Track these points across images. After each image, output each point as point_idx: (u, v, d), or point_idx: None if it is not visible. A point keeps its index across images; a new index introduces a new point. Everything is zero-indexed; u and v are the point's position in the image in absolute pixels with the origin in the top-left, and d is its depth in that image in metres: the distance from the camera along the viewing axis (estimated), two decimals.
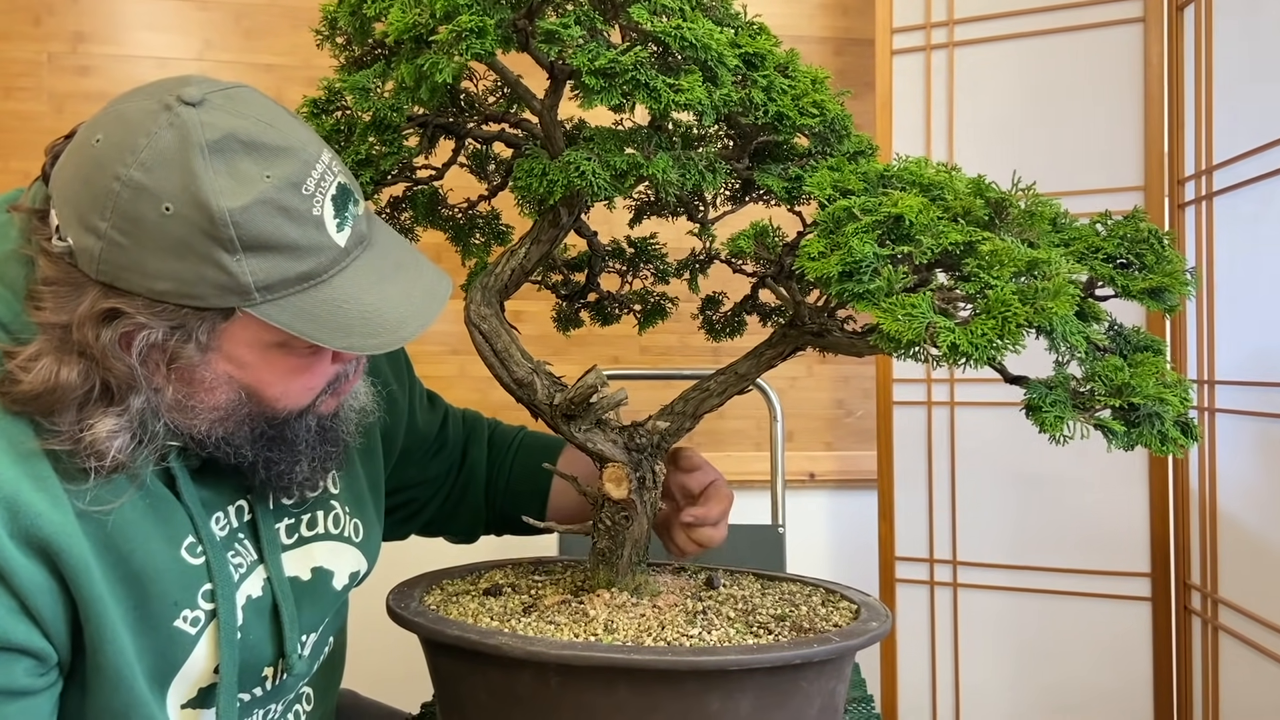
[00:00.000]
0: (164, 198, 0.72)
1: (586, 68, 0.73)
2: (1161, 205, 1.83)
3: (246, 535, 0.91)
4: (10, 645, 0.75)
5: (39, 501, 0.75)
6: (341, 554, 1.00)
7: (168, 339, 0.76)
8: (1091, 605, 1.90)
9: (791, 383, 2.27)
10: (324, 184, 0.78)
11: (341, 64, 0.99)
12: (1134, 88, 1.85)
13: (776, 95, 0.79)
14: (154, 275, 0.74)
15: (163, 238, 0.73)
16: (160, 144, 0.73)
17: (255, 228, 0.73)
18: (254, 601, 0.89)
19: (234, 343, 0.79)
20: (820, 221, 0.76)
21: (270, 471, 0.87)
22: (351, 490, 1.04)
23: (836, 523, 2.32)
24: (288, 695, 1.00)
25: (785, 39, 0.85)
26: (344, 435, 0.93)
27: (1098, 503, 1.88)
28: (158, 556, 0.82)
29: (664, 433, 1.02)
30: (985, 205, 0.74)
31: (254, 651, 0.89)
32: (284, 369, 0.82)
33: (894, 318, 0.65)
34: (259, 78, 2.13)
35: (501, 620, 0.92)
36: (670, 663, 0.80)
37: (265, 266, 0.75)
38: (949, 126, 1.97)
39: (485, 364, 1.01)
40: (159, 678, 0.84)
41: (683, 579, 1.10)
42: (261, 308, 0.76)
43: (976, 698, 2.00)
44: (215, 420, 0.82)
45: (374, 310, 0.79)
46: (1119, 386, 0.72)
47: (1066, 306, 0.64)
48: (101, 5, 2.11)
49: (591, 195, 0.79)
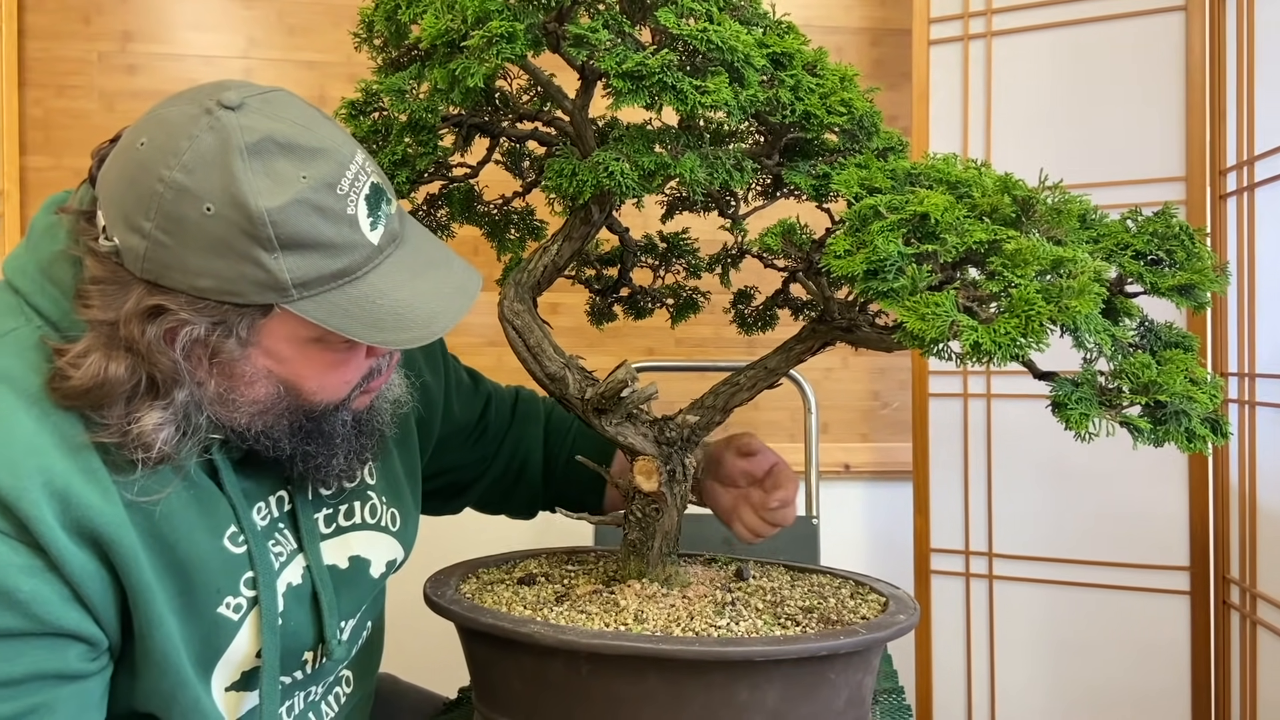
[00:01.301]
0: (205, 198, 0.75)
1: (614, 71, 0.74)
2: (1203, 196, 1.79)
3: (286, 525, 0.94)
4: (63, 631, 0.78)
5: (90, 493, 0.78)
6: (378, 543, 1.03)
7: (209, 334, 0.79)
8: (1129, 599, 1.88)
9: (826, 374, 2.27)
10: (358, 184, 0.80)
11: (379, 65, 1.01)
12: (1175, 77, 1.82)
13: (804, 94, 0.80)
14: (196, 273, 0.77)
15: (204, 237, 0.76)
16: (201, 147, 0.76)
17: (292, 227, 0.76)
18: (294, 589, 0.92)
19: (273, 338, 0.82)
20: (846, 219, 0.76)
21: (308, 464, 0.89)
22: (388, 480, 1.06)
23: (871, 514, 2.31)
24: (327, 678, 1.03)
25: (822, 30, 0.86)
26: (378, 427, 0.96)
27: (1136, 496, 1.86)
28: (202, 546, 0.85)
29: (694, 427, 1.03)
30: (1012, 203, 0.74)
31: (295, 637, 0.92)
32: (321, 364, 0.85)
33: (917, 316, 0.66)
34: (302, 75, 2.16)
35: (534, 609, 0.94)
36: (697, 653, 0.81)
37: (302, 264, 0.78)
38: (986, 117, 1.95)
39: (518, 358, 1.03)
40: (204, 662, 0.87)
41: (713, 570, 1.12)
42: (299, 304, 0.79)
43: (1012, 691, 1.99)
44: (255, 414, 0.84)
45: (406, 306, 0.82)
46: (1146, 384, 0.72)
47: (1090, 305, 0.65)
48: (149, 5, 2.15)
49: (620, 195, 0.80)
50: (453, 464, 1.26)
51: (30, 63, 2.11)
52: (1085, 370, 0.77)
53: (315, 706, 1.02)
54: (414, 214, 1.13)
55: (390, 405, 0.98)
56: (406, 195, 1.02)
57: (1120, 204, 1.78)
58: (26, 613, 0.76)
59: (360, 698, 1.10)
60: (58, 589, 0.77)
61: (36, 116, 2.12)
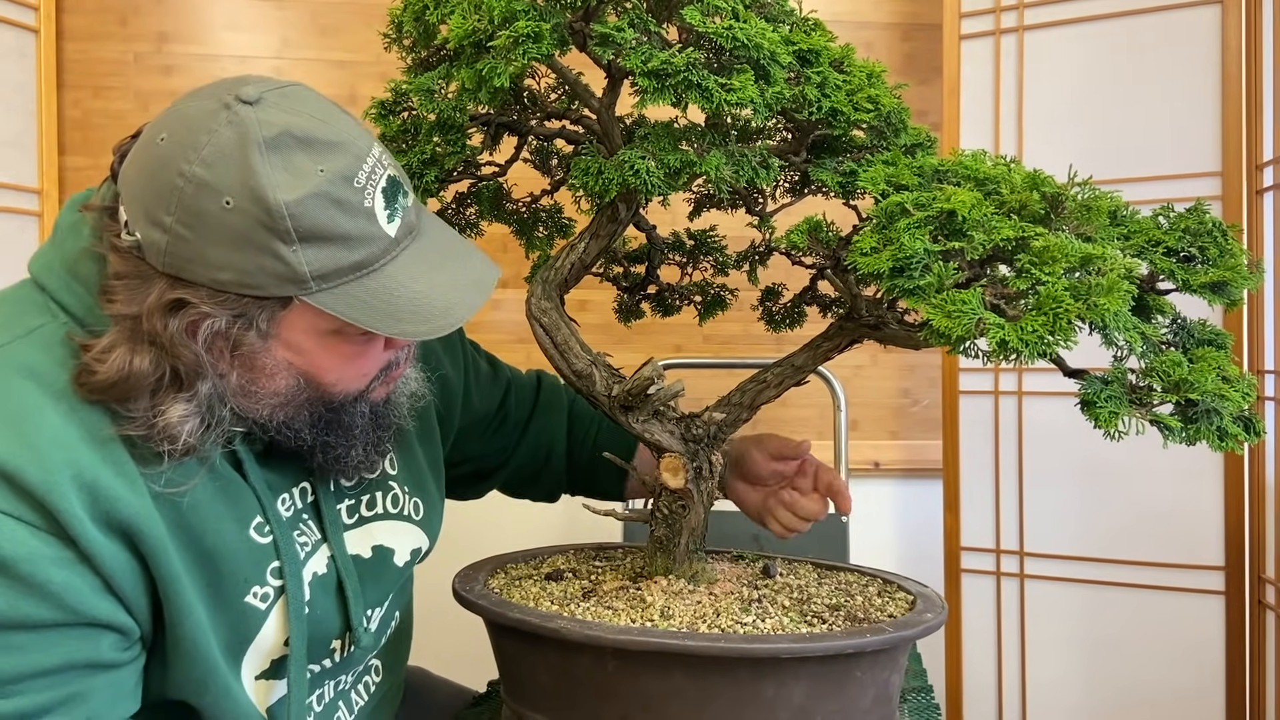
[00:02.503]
0: (224, 192, 0.76)
1: (640, 69, 0.74)
2: (1239, 191, 1.77)
3: (310, 516, 0.95)
4: (96, 621, 0.79)
5: (118, 486, 0.79)
6: (401, 532, 1.04)
7: (230, 327, 0.80)
8: (1162, 598, 1.86)
9: (856, 371, 2.26)
10: (374, 177, 0.81)
11: (408, 65, 1.02)
12: (1211, 71, 1.79)
13: (830, 91, 0.80)
14: (216, 266, 0.78)
15: (223, 230, 0.77)
16: (220, 141, 0.77)
17: (310, 220, 0.77)
18: (319, 578, 0.93)
19: (292, 330, 0.83)
20: (873, 217, 0.76)
21: (328, 455, 0.91)
22: (410, 470, 1.08)
23: (902, 512, 2.30)
24: (357, 667, 1.04)
25: (852, 26, 0.86)
26: (396, 419, 0.97)
27: (1169, 494, 1.83)
28: (228, 536, 0.86)
29: (720, 424, 1.04)
30: (1041, 199, 0.74)
31: (321, 626, 0.94)
32: (339, 355, 0.86)
33: (944, 313, 0.65)
34: (333, 74, 2.19)
35: (561, 604, 0.95)
36: (723, 649, 0.81)
37: (320, 257, 0.78)
38: (1018, 112, 1.93)
39: (545, 355, 1.04)
40: (233, 650, 0.88)
41: (740, 567, 1.12)
42: (317, 296, 0.80)
43: (1043, 691, 1.97)
44: (276, 405, 0.86)
45: (423, 297, 0.83)
46: (1177, 382, 0.71)
47: (1119, 302, 0.64)
48: (185, 6, 2.18)
49: (646, 193, 0.81)
50: (475, 453, 1.27)
51: (68, 64, 2.15)
52: (1115, 368, 0.77)
53: (345, 695, 1.04)
54: (443, 212, 1.14)
55: (408, 399, 0.99)
56: (435, 194, 1.03)
57: (1155, 199, 1.76)
58: (60, 604, 0.77)
59: (390, 687, 1.12)
60: (89, 580, 0.79)
61: (75, 117, 2.16)
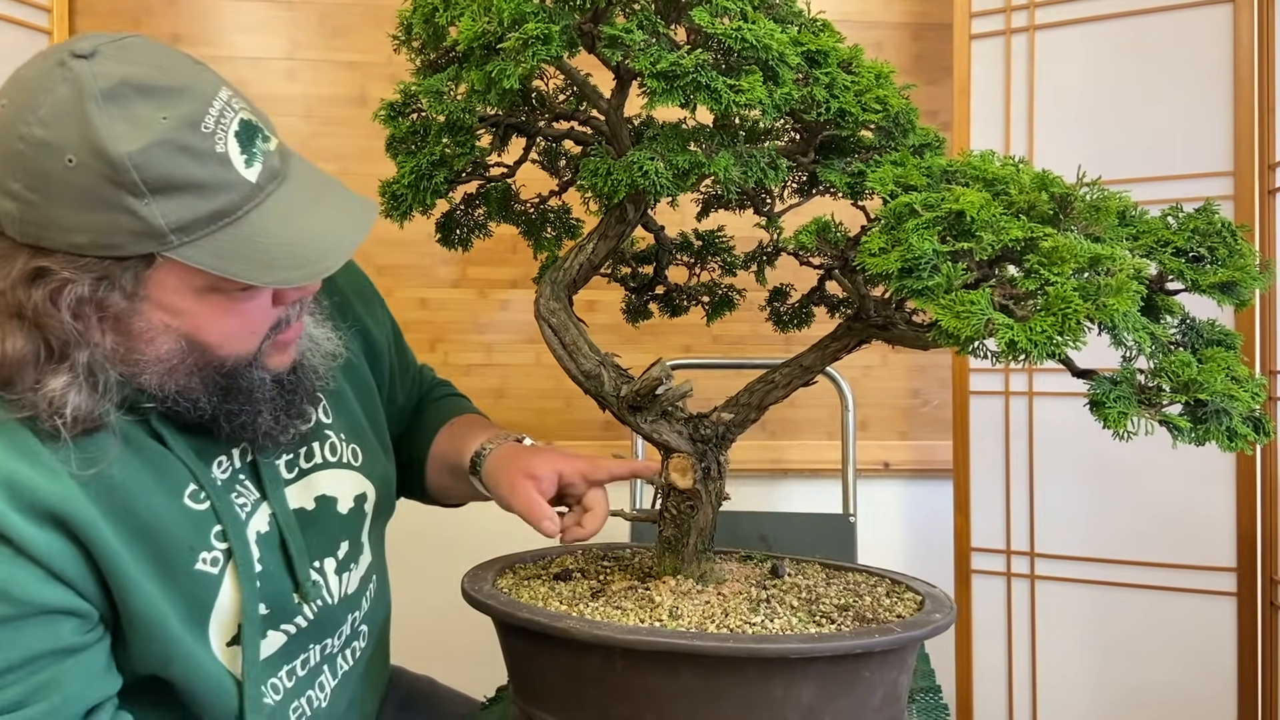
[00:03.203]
0: (66, 150, 0.74)
1: (649, 71, 0.75)
2: (1251, 191, 1.75)
3: (248, 475, 0.94)
4: (49, 608, 0.79)
5: (34, 476, 0.79)
6: (343, 480, 1.03)
7: (94, 291, 0.77)
8: (1173, 600, 1.85)
9: (866, 371, 2.26)
10: (224, 120, 0.78)
11: (417, 67, 1.03)
12: (1223, 70, 1.78)
13: (839, 92, 0.80)
14: (70, 229, 0.75)
15: (70, 190, 0.74)
16: (57, 99, 0.75)
17: (157, 169, 0.74)
18: (263, 536, 0.93)
19: (162, 289, 0.80)
20: (882, 217, 0.76)
21: (233, 423, 0.88)
22: (344, 418, 1.06)
23: (911, 513, 2.30)
24: (341, 628, 1.03)
25: (862, 26, 0.86)
26: (308, 382, 0.95)
27: (1181, 495, 1.82)
28: (161, 509, 0.85)
29: (729, 424, 1.04)
30: (1050, 200, 0.74)
31: (273, 582, 0.93)
32: (219, 313, 0.83)
33: (952, 314, 0.65)
34: (343, 75, 2.20)
35: (570, 604, 0.95)
36: (731, 649, 0.82)
37: (175, 208, 0.76)
38: (1029, 112, 1.92)
39: (554, 356, 1.04)
40: (195, 619, 0.87)
41: (748, 567, 1.12)
42: (180, 250, 0.77)
43: (1053, 692, 1.96)
44: (163, 373, 0.83)
45: (296, 243, 0.80)
46: (1186, 382, 0.71)
47: (1128, 303, 0.64)
48: (196, 8, 2.19)
49: (655, 194, 0.81)
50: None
51: None
52: (1124, 368, 0.77)
53: (331, 660, 1.03)
54: (451, 213, 1.15)
55: (323, 360, 0.97)
56: (444, 195, 1.03)
57: (1166, 199, 1.75)
58: (8, 598, 0.77)
59: (374, 653, 1.11)
60: (32, 571, 0.78)
61: None
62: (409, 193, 1.00)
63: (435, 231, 1.16)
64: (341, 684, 1.05)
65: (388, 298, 2.29)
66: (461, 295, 2.21)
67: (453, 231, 1.16)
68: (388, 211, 1.03)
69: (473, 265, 2.20)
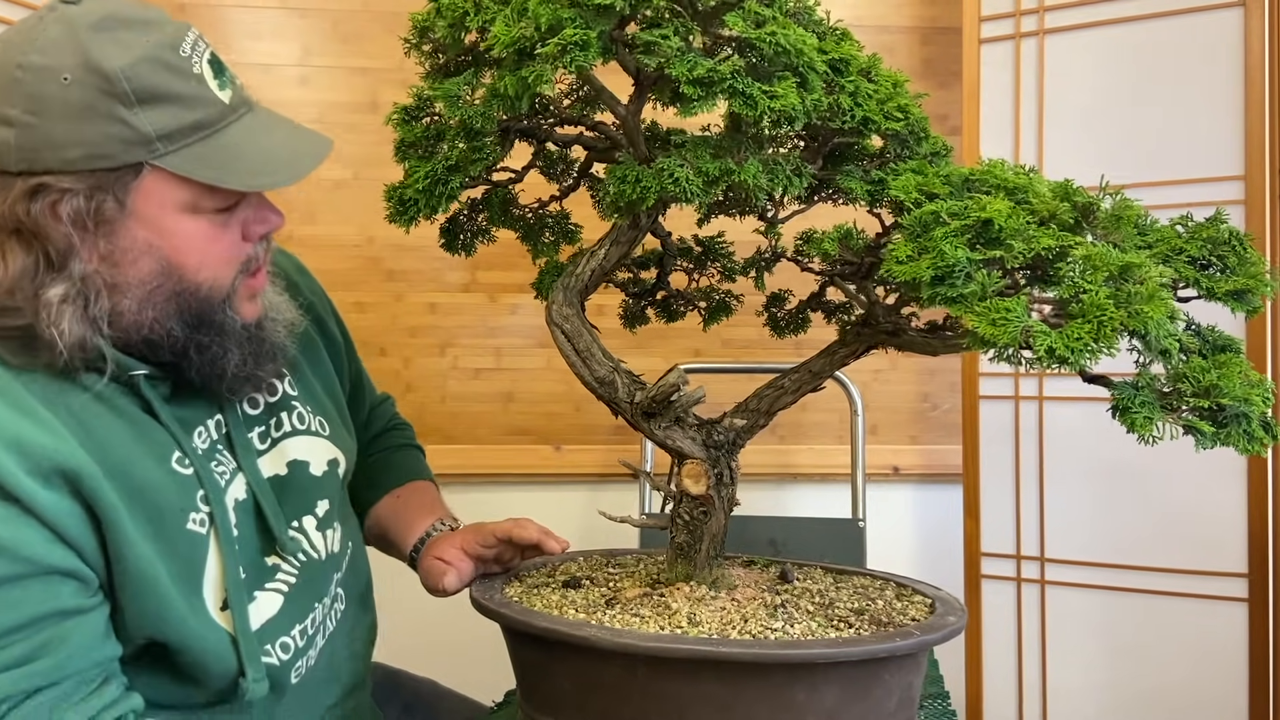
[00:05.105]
0: (62, 70, 0.83)
1: (685, 77, 0.75)
2: (1262, 195, 1.74)
3: (224, 446, 1.00)
4: (53, 569, 0.83)
5: (40, 434, 0.83)
6: (314, 445, 1.09)
7: (90, 200, 0.84)
8: (1184, 606, 1.84)
9: (875, 376, 2.26)
10: (198, 50, 0.89)
11: (427, 70, 1.02)
12: (1233, 74, 1.77)
13: (862, 100, 0.80)
14: (65, 144, 0.83)
15: (67, 106, 0.82)
16: (51, 34, 0.84)
17: (145, 81, 0.84)
18: (241, 503, 0.98)
19: (147, 202, 0.87)
20: (906, 225, 0.77)
21: (204, 356, 0.93)
22: (307, 393, 1.12)
23: (921, 517, 2.29)
24: (329, 585, 1.07)
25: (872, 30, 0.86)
26: (273, 338, 1.01)
27: (1191, 500, 1.80)
28: (153, 471, 0.90)
29: (740, 430, 1.04)
30: (1072, 209, 0.74)
31: (251, 546, 0.98)
32: (197, 235, 0.90)
33: (988, 321, 0.66)
34: (355, 80, 2.21)
35: (588, 613, 0.95)
36: (758, 655, 0.82)
37: (161, 117, 0.85)
38: (1039, 116, 1.92)
39: (567, 362, 1.04)
40: (188, 580, 0.91)
41: (755, 572, 1.12)
42: (165, 159, 0.85)
43: (1063, 698, 1.95)
44: (143, 297, 0.89)
45: (266, 155, 0.90)
46: (1207, 387, 0.72)
47: (1162, 310, 0.65)
48: (208, 15, 2.19)
49: (684, 200, 0.81)
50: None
51: None
52: (1143, 374, 0.77)
53: (325, 620, 1.07)
54: (455, 217, 1.15)
55: (284, 326, 1.04)
56: (455, 198, 1.02)
57: (1176, 204, 1.76)
58: (16, 557, 0.81)
59: (354, 623, 1.14)
60: (38, 531, 0.82)
61: None
62: (421, 197, 0.99)
63: (440, 236, 1.16)
64: (327, 644, 1.08)
65: (398, 302, 2.30)
66: (471, 300, 2.21)
67: (457, 236, 1.16)
68: (394, 216, 1.02)
69: (482, 270, 2.20)
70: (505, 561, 1.14)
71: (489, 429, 2.23)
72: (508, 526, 1.12)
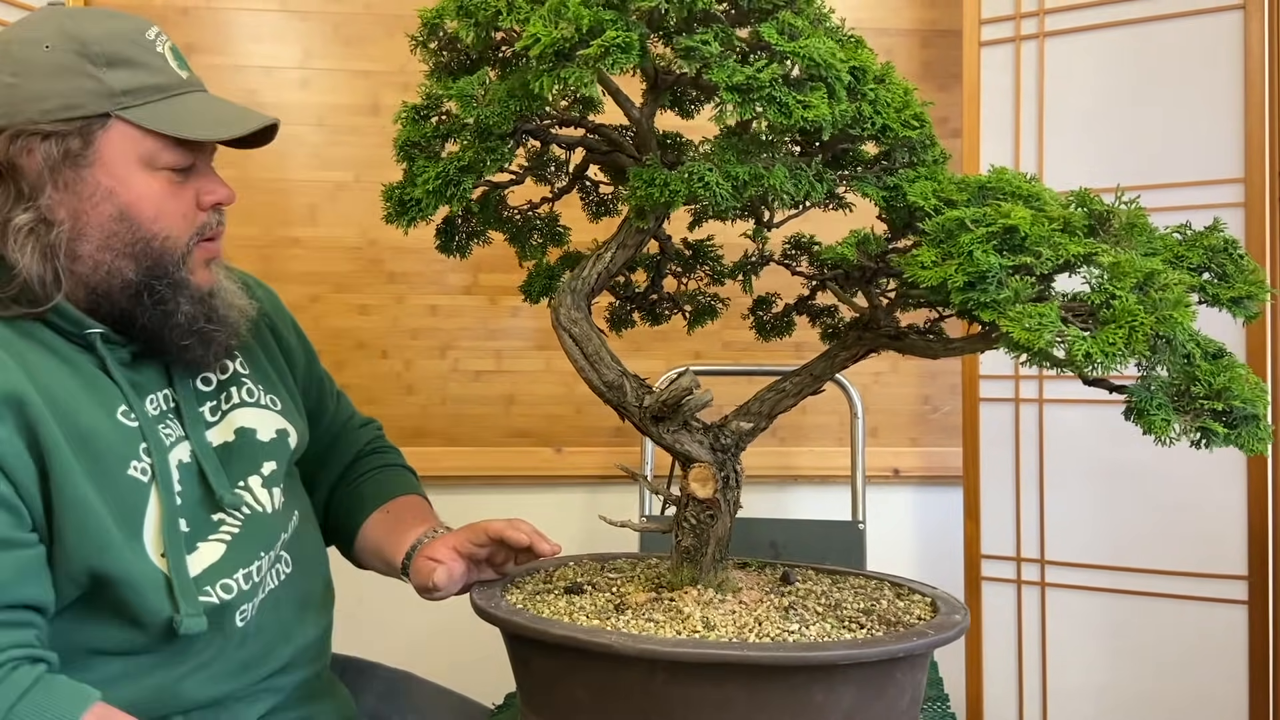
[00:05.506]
0: (44, 40, 0.98)
1: (725, 83, 0.76)
2: (1262, 198, 1.74)
3: (174, 417, 1.06)
4: None
5: None
6: (262, 416, 1.14)
7: (60, 144, 0.96)
8: (1184, 608, 1.83)
9: (876, 378, 2.26)
10: (161, 39, 1.03)
11: (430, 69, 1.02)
12: (1233, 77, 1.76)
13: (881, 108, 0.81)
14: (42, 97, 0.96)
15: (46, 67, 0.97)
16: (38, 18, 1.01)
17: (114, 48, 0.98)
18: (184, 465, 1.04)
19: (111, 150, 0.98)
20: (929, 231, 0.77)
21: (154, 300, 1.01)
22: (259, 373, 1.18)
23: (921, 519, 2.30)
24: (268, 545, 1.09)
25: (873, 33, 0.87)
26: (223, 310, 1.08)
27: (1191, 502, 1.81)
28: (97, 419, 0.97)
29: (745, 433, 1.04)
30: (1087, 216, 0.76)
31: (195, 500, 1.04)
32: (154, 189, 1.00)
33: (1022, 326, 0.68)
34: (356, 83, 2.20)
35: (601, 619, 0.95)
36: (782, 658, 0.83)
37: (125, 77, 0.98)
38: (1039, 119, 1.92)
39: (575, 367, 1.04)
40: (129, 523, 0.97)
41: (753, 574, 1.12)
42: (129, 112, 0.98)
43: (1064, 700, 1.95)
44: (102, 241, 0.99)
45: (219, 114, 1.04)
46: (1219, 390, 0.73)
47: (1188, 316, 0.67)
48: (210, 18, 2.18)
49: (714, 206, 0.82)
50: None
51: None
52: (1153, 377, 0.79)
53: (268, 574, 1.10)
54: (451, 219, 1.14)
55: (237, 310, 1.10)
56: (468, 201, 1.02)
57: (1177, 206, 1.76)
58: None
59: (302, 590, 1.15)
60: None
61: None
62: (431, 198, 0.98)
63: (435, 238, 1.15)
64: (269, 600, 1.10)
65: (399, 305, 2.30)
66: (472, 302, 2.21)
67: (453, 238, 1.15)
68: (392, 217, 1.02)
69: (483, 272, 2.20)
70: (498, 564, 1.14)
71: (490, 431, 2.23)
72: (500, 526, 1.12)
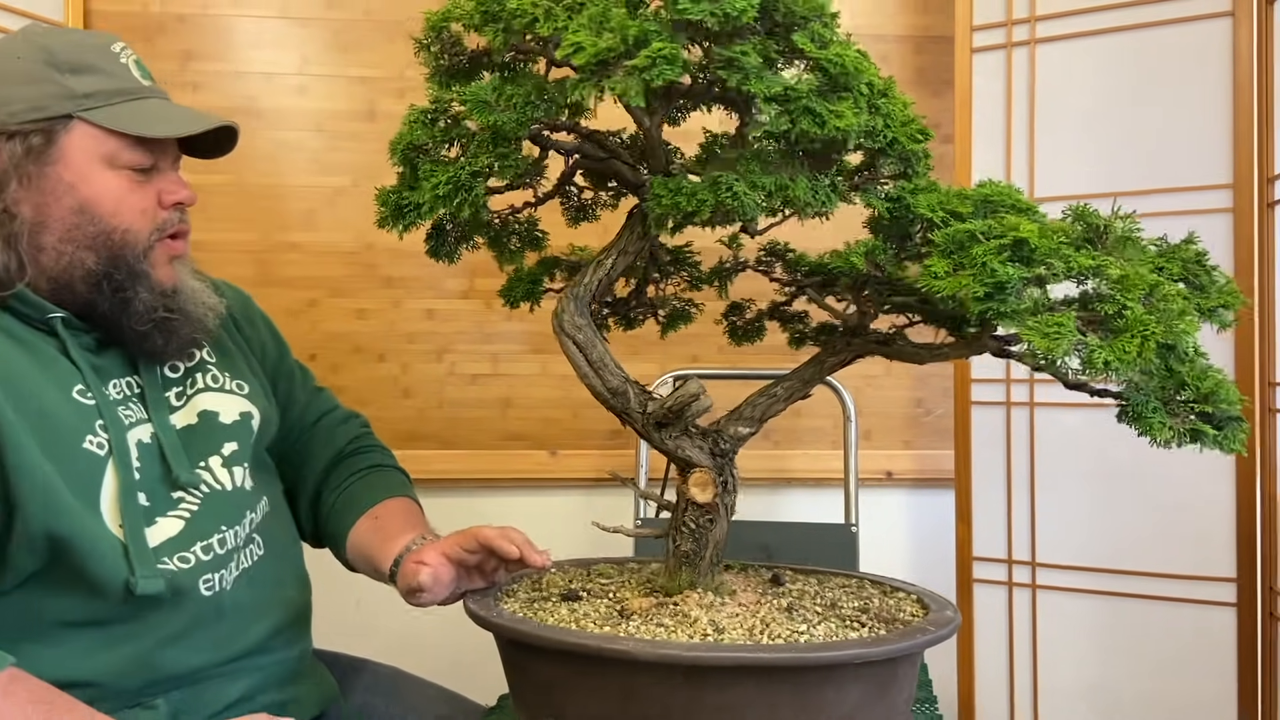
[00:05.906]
0: (16, 52, 1.06)
1: (764, 94, 0.78)
2: (1250, 203, 1.75)
3: (138, 401, 1.10)
4: None
5: None
6: (226, 400, 1.18)
7: (25, 142, 1.03)
8: (1174, 610, 1.84)
9: (869, 381, 2.27)
10: (126, 53, 1.10)
11: (430, 73, 1.02)
12: (1222, 84, 1.78)
13: (891, 121, 0.83)
14: (11, 101, 1.03)
15: (16, 75, 1.04)
16: (13, 37, 1.09)
17: (79, 57, 1.06)
18: (144, 445, 1.07)
19: (73, 149, 1.04)
20: (940, 242, 0.80)
21: (112, 285, 1.06)
22: (227, 361, 1.22)
23: (914, 522, 2.31)
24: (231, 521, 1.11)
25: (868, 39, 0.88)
26: (188, 306, 1.12)
27: (1180, 505, 1.83)
28: (53, 398, 1.01)
29: (743, 438, 1.06)
30: (1085, 229, 0.78)
31: (154, 478, 1.07)
32: (114, 186, 1.06)
33: (1041, 335, 0.71)
34: (354, 89, 2.21)
35: (613, 625, 0.95)
36: (799, 659, 0.84)
37: (89, 82, 1.05)
38: (1030, 125, 1.94)
39: (578, 373, 1.04)
40: (86, 494, 1.01)
41: (743, 577, 1.14)
42: (91, 113, 1.04)
43: (1055, 701, 1.97)
44: (64, 233, 1.04)
45: (176, 115, 1.10)
46: (1206, 394, 0.77)
47: (1194, 325, 0.70)
48: (209, 25, 2.18)
49: (741, 214, 0.83)
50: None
51: None
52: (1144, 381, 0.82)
53: (238, 552, 1.12)
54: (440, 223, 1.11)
55: (204, 306, 1.14)
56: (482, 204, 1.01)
57: (1166, 212, 1.77)
58: None
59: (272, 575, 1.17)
60: None
61: None
62: (439, 203, 0.97)
63: (426, 242, 1.13)
64: (243, 578, 1.12)
65: (395, 309, 2.29)
66: (469, 306, 2.22)
67: (443, 243, 1.13)
68: (386, 221, 1.01)
69: (480, 276, 2.21)
70: (488, 573, 1.12)
71: (486, 434, 2.24)
72: (492, 534, 1.09)
